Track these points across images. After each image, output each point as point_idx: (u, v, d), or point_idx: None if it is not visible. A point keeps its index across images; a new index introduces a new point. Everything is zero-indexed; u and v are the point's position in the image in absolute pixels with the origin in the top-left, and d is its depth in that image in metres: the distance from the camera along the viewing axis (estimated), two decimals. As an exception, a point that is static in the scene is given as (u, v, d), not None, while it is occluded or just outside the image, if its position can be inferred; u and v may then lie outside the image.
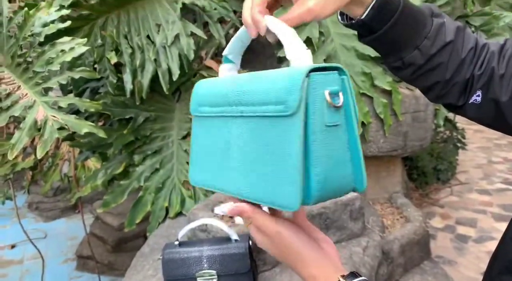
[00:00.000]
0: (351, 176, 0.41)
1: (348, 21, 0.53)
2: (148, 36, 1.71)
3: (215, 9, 1.74)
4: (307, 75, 0.37)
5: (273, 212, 0.47)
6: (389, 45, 0.54)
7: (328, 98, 0.38)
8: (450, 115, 2.90)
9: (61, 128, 1.05)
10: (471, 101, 0.55)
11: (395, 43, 0.53)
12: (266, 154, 0.40)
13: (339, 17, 0.54)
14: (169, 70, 1.67)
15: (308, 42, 1.75)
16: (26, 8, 1.15)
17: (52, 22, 1.16)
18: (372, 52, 1.75)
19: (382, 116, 1.82)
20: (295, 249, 0.44)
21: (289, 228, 0.45)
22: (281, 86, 0.38)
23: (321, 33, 1.79)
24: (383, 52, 0.56)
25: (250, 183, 0.42)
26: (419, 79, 0.57)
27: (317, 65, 0.38)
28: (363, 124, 1.80)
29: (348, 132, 0.40)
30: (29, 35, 1.16)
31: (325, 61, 1.76)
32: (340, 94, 0.39)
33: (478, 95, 0.54)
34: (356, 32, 0.55)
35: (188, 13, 1.84)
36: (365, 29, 0.52)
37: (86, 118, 1.75)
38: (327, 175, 0.38)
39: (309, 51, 0.41)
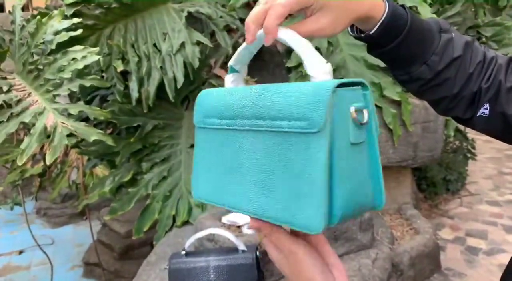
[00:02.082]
0: (372, 195, 0.39)
1: (357, 33, 0.54)
2: (154, 45, 1.72)
3: (221, 17, 1.75)
4: (333, 91, 0.35)
5: (293, 231, 0.45)
6: (397, 59, 0.54)
7: (353, 115, 0.36)
8: (460, 125, 2.87)
9: (70, 135, 1.06)
10: (479, 114, 0.55)
11: (403, 58, 0.53)
12: (284, 172, 0.38)
13: (349, 28, 0.54)
14: (175, 78, 1.67)
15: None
16: (38, 17, 1.17)
17: (65, 30, 1.17)
18: (381, 63, 1.74)
19: (391, 127, 1.80)
20: (308, 274, 0.43)
21: (305, 250, 0.43)
22: (305, 101, 0.36)
23: (329, 43, 1.79)
24: (391, 65, 0.56)
25: (265, 201, 0.40)
26: (426, 93, 0.57)
27: (342, 81, 0.37)
28: None
29: (369, 149, 0.39)
30: (40, 43, 1.17)
31: (334, 71, 1.76)
32: (365, 111, 0.38)
33: (486, 108, 0.54)
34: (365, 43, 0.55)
35: (196, 22, 1.85)
36: (374, 43, 0.53)
37: (95, 126, 1.76)
38: (351, 194, 0.37)
39: (329, 65, 0.39)
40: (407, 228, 2.04)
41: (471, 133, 3.63)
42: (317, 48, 1.74)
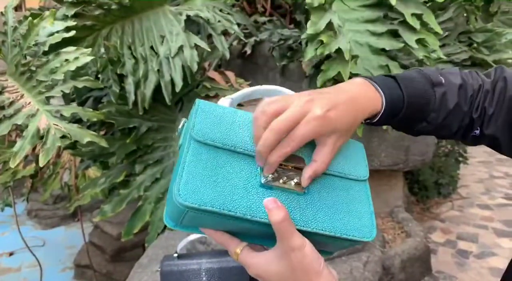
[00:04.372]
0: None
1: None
2: (151, 47, 1.72)
3: (219, 21, 1.76)
4: None
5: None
6: (400, 126, 0.60)
7: None
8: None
9: (63, 137, 1.05)
10: (471, 134, 0.61)
11: (406, 123, 0.59)
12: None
13: None
14: (172, 81, 1.67)
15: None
16: (30, 18, 1.16)
17: (57, 32, 1.16)
18: (387, 46, 1.69)
19: (384, 127, 1.80)
20: (317, 268, 0.44)
21: (309, 245, 0.45)
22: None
23: (332, 30, 1.74)
24: (396, 128, 0.62)
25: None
26: (429, 135, 0.64)
27: None
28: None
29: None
30: (33, 44, 1.16)
31: (336, 56, 1.70)
32: None
33: (477, 129, 0.60)
34: (369, 29, 0.61)
35: (193, 25, 1.85)
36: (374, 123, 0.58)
37: (88, 127, 1.75)
38: None
39: None
40: (399, 231, 2.05)
41: (462, 137, 3.66)
42: (317, 34, 1.66)
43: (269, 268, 0.46)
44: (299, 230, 0.44)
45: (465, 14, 2.24)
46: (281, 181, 0.46)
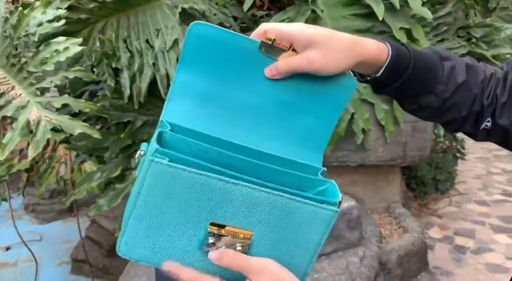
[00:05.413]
0: None
1: (357, 76, 0.56)
2: (147, 41, 1.70)
3: (214, 14, 1.74)
4: None
5: None
6: (404, 94, 0.56)
7: None
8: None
9: (56, 130, 1.04)
10: (482, 127, 0.57)
11: (411, 92, 0.55)
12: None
13: (351, 72, 0.56)
14: (167, 75, 1.66)
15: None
16: (20, 8, 1.15)
17: (48, 21, 1.14)
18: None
19: (383, 123, 1.80)
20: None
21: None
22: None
23: (314, 21, 1.76)
24: (399, 99, 0.58)
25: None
26: (436, 118, 0.59)
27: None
28: (363, 130, 1.78)
29: None
30: (24, 35, 1.15)
31: None
32: None
33: (488, 121, 0.56)
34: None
35: (189, 18, 1.84)
36: (378, 84, 0.55)
37: (84, 122, 1.73)
38: None
39: None
40: (396, 227, 2.05)
41: (460, 133, 3.65)
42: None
43: None
44: None
45: (464, 9, 2.23)
46: (223, 247, 0.45)
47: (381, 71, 0.51)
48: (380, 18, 1.54)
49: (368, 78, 0.54)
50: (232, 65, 0.51)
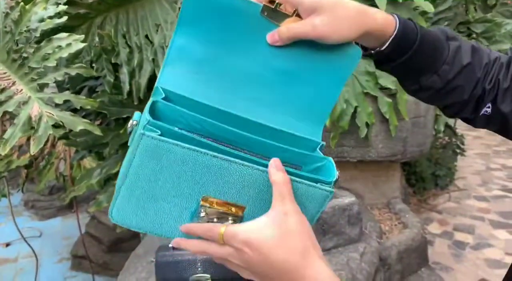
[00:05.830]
0: None
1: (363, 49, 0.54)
2: (146, 36, 1.70)
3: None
4: None
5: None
6: (407, 71, 0.54)
7: None
8: (450, 121, 2.89)
9: (57, 126, 1.04)
10: (481, 113, 0.56)
11: (414, 70, 0.53)
12: None
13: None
14: (167, 70, 1.65)
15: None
16: (22, 3, 1.14)
17: (49, 17, 1.14)
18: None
19: (387, 116, 1.79)
20: (312, 235, 0.42)
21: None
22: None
23: None
24: (401, 77, 0.56)
25: None
26: (437, 100, 0.58)
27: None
28: (367, 124, 1.77)
29: None
30: (25, 31, 1.14)
31: None
32: None
33: (488, 107, 0.55)
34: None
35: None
36: (382, 58, 0.53)
37: (83, 117, 1.73)
38: None
39: None
40: (396, 222, 2.05)
41: (460, 129, 3.66)
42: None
43: (261, 233, 0.40)
44: None
45: (464, 4, 2.22)
46: (215, 220, 0.45)
47: (387, 44, 0.50)
48: (383, 8, 1.53)
49: (372, 51, 0.52)
50: (232, 29, 0.48)
